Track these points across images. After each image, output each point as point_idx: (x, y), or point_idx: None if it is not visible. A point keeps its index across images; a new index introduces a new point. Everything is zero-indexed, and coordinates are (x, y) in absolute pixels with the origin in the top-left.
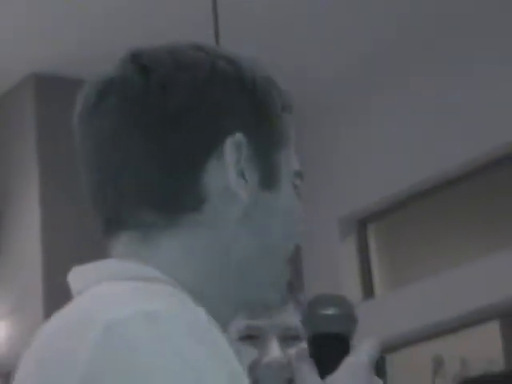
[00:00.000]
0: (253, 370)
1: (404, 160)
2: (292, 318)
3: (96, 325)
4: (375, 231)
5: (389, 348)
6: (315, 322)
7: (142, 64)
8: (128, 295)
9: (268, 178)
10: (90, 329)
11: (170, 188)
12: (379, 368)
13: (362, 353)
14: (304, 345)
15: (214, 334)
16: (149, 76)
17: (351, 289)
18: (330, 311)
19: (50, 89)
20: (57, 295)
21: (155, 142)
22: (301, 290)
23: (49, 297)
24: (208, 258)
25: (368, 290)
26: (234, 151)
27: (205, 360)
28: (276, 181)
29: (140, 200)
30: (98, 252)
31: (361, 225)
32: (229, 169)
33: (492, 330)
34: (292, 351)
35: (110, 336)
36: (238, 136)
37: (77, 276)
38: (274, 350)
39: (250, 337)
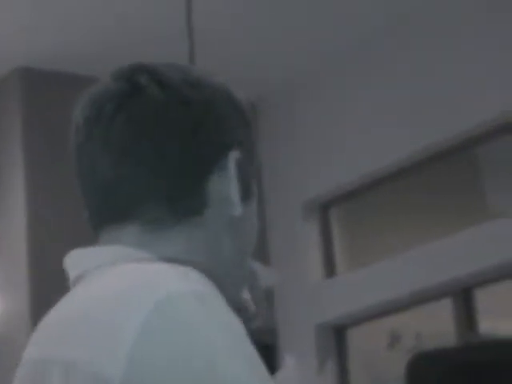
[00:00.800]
0: None
1: (365, 146)
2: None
3: (148, 297)
4: (337, 215)
5: (348, 323)
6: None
7: (158, 79)
8: (174, 275)
9: (247, 191)
10: (138, 305)
11: (180, 192)
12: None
13: (290, 367)
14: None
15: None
16: (167, 92)
17: (314, 268)
18: (255, 325)
19: (37, 82)
20: (43, 272)
21: (170, 152)
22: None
23: (34, 273)
24: (204, 258)
25: (329, 270)
26: (234, 165)
27: (242, 335)
28: (252, 194)
29: (154, 199)
30: (82, 228)
31: (323, 208)
32: (230, 180)
33: (445, 307)
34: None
35: (162, 312)
36: (237, 152)
37: (80, 257)
38: None
39: None
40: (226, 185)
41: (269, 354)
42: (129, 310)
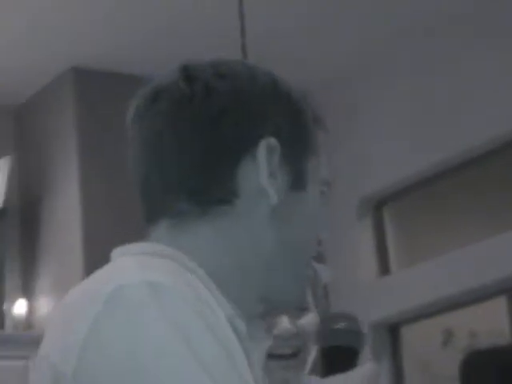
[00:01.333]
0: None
1: (419, 144)
2: None
3: (102, 291)
4: (391, 212)
5: (402, 321)
6: (326, 336)
7: (187, 73)
8: (134, 266)
9: (297, 182)
10: (95, 295)
11: (205, 182)
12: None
13: (366, 367)
14: (311, 316)
15: (211, 311)
16: (192, 83)
17: (368, 266)
18: (339, 326)
19: (89, 82)
20: (97, 259)
21: (196, 140)
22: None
23: (89, 260)
24: (236, 248)
25: (384, 268)
26: (266, 153)
27: (199, 334)
28: (304, 185)
29: (179, 191)
30: (135, 234)
31: (378, 206)
32: (261, 169)
33: (499, 305)
34: (301, 321)
35: (109, 306)
36: (272, 140)
37: (117, 254)
38: (284, 321)
39: None
40: (257, 174)
41: (350, 355)
42: (86, 305)
